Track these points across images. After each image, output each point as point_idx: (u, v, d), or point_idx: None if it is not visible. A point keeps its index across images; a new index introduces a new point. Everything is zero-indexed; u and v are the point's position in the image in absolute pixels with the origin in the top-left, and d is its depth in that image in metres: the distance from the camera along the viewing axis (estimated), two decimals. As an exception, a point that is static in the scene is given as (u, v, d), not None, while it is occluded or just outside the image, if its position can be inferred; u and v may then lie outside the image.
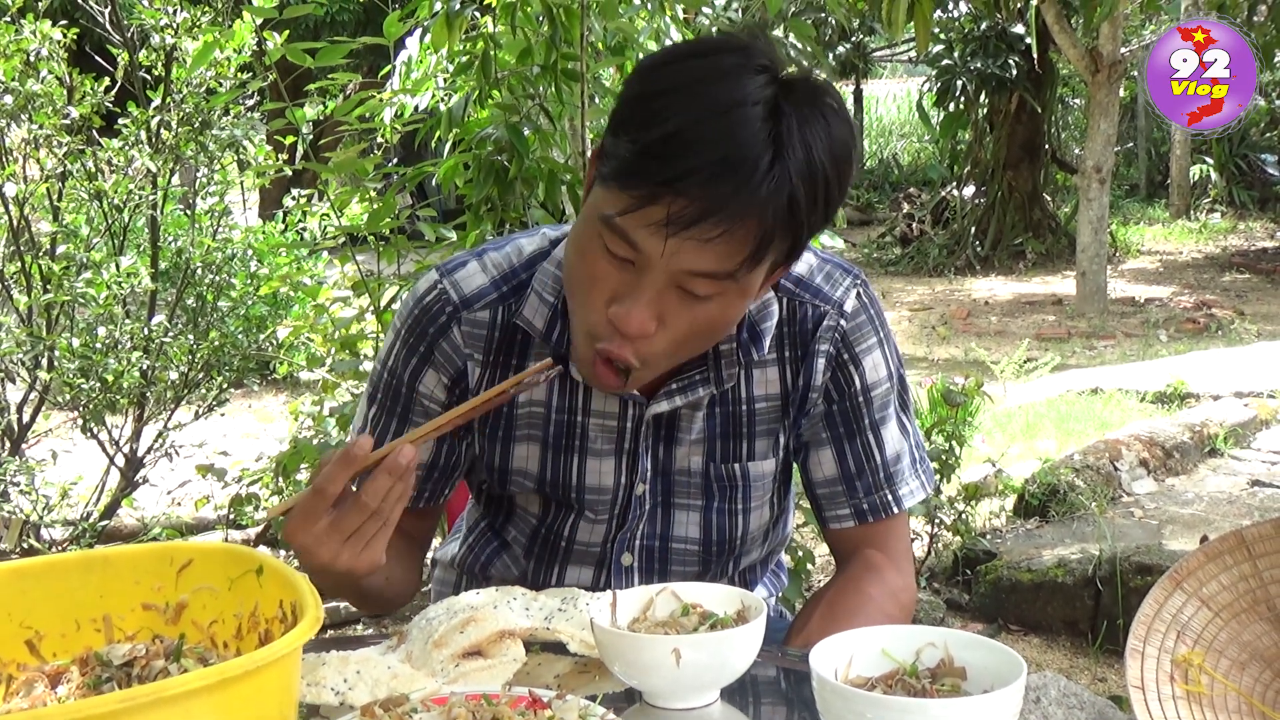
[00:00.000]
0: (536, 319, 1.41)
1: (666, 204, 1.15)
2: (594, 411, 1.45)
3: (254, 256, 4.58)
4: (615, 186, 1.19)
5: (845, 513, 1.50)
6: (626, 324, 1.22)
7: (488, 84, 3.44)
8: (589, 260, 1.24)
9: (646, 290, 1.21)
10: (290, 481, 4.10)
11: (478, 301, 1.43)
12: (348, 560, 1.20)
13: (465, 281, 1.44)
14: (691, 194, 1.14)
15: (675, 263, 1.19)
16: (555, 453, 1.47)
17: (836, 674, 1.06)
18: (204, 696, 0.82)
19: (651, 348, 1.26)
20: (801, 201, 1.18)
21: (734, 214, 1.15)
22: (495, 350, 1.44)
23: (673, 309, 1.23)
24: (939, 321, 9.69)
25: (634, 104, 1.22)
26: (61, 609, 1.07)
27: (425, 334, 1.44)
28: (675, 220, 1.15)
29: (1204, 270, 11.79)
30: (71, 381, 3.92)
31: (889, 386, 1.50)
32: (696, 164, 1.14)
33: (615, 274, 1.23)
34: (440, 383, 1.45)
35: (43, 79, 3.86)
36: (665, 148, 1.15)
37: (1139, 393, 6.48)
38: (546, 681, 1.21)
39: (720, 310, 1.25)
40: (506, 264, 1.45)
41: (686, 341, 1.28)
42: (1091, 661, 3.50)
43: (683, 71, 1.20)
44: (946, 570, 4.07)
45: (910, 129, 20.10)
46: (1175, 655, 2.10)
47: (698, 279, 1.20)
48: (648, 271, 1.20)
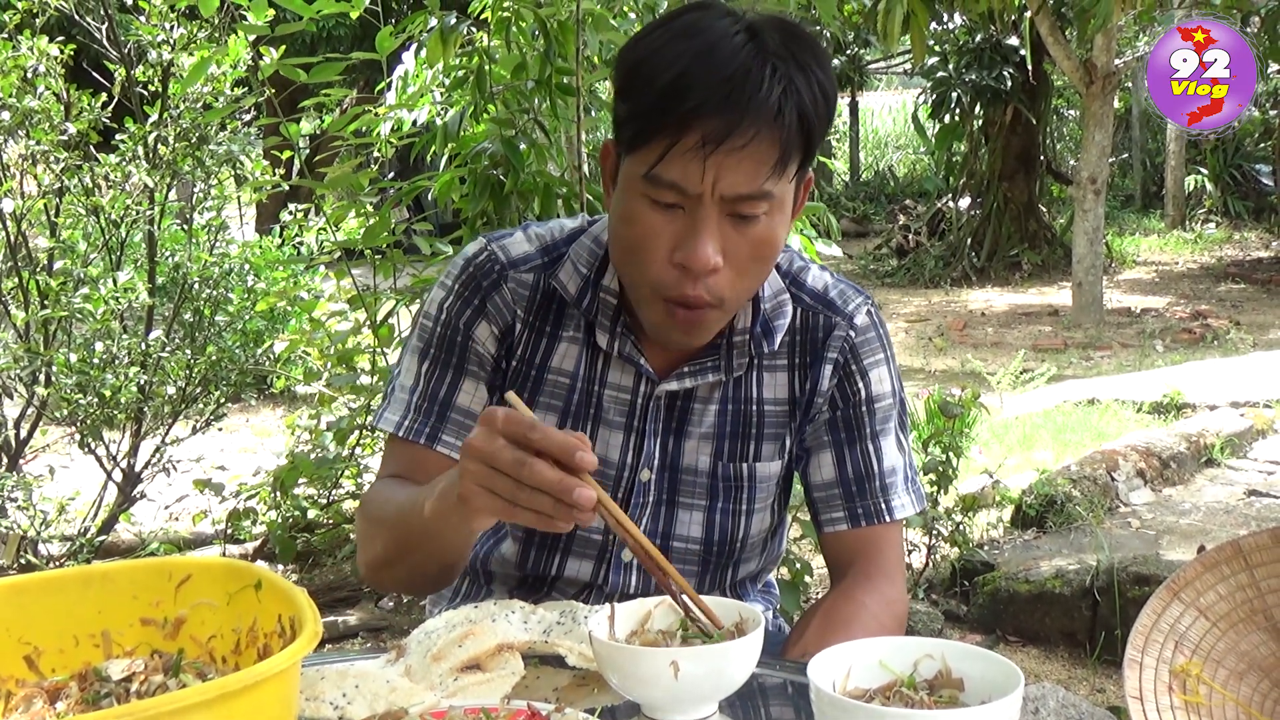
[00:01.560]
0: (570, 285, 1.49)
1: (697, 129, 1.26)
2: (610, 383, 1.51)
3: (251, 271, 4.58)
4: (642, 145, 1.31)
5: (839, 515, 1.53)
6: (695, 260, 1.31)
7: (483, 99, 3.45)
8: (640, 223, 1.34)
9: (703, 225, 1.31)
10: (288, 496, 4.11)
11: (523, 264, 1.52)
12: (469, 489, 1.15)
13: (512, 246, 1.53)
14: (713, 112, 1.26)
15: (719, 188, 1.29)
16: (572, 421, 1.51)
17: (835, 686, 1.06)
18: (202, 711, 0.82)
19: (720, 283, 1.34)
20: (806, 99, 1.29)
21: (754, 119, 1.26)
22: (535, 312, 1.51)
23: (730, 239, 1.32)
24: (935, 333, 9.70)
25: (632, 72, 1.33)
26: (60, 624, 1.07)
27: (480, 287, 1.51)
28: (709, 139, 1.26)
29: (1200, 280, 11.82)
30: (69, 397, 3.91)
31: (891, 402, 1.55)
32: (709, 89, 1.26)
33: (669, 225, 1.32)
34: (492, 334, 1.51)
35: (40, 95, 3.87)
36: (677, 87, 1.27)
37: (1135, 403, 6.48)
38: (545, 695, 1.20)
39: (769, 228, 1.34)
40: (549, 236, 1.55)
41: (748, 270, 1.36)
42: (1089, 672, 3.49)
43: (664, 33, 1.32)
44: (944, 581, 4.05)
45: (906, 141, 20.17)
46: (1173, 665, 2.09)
47: (741, 201, 1.30)
48: (699, 207, 1.30)
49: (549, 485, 1.11)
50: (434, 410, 1.51)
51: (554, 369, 1.52)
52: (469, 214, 3.46)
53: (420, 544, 1.37)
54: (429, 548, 1.36)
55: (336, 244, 3.82)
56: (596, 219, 1.56)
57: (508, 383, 1.52)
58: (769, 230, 1.34)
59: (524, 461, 1.11)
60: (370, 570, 1.50)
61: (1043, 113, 12.48)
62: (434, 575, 1.47)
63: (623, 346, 1.48)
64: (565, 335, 1.51)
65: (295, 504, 4.11)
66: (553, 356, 1.51)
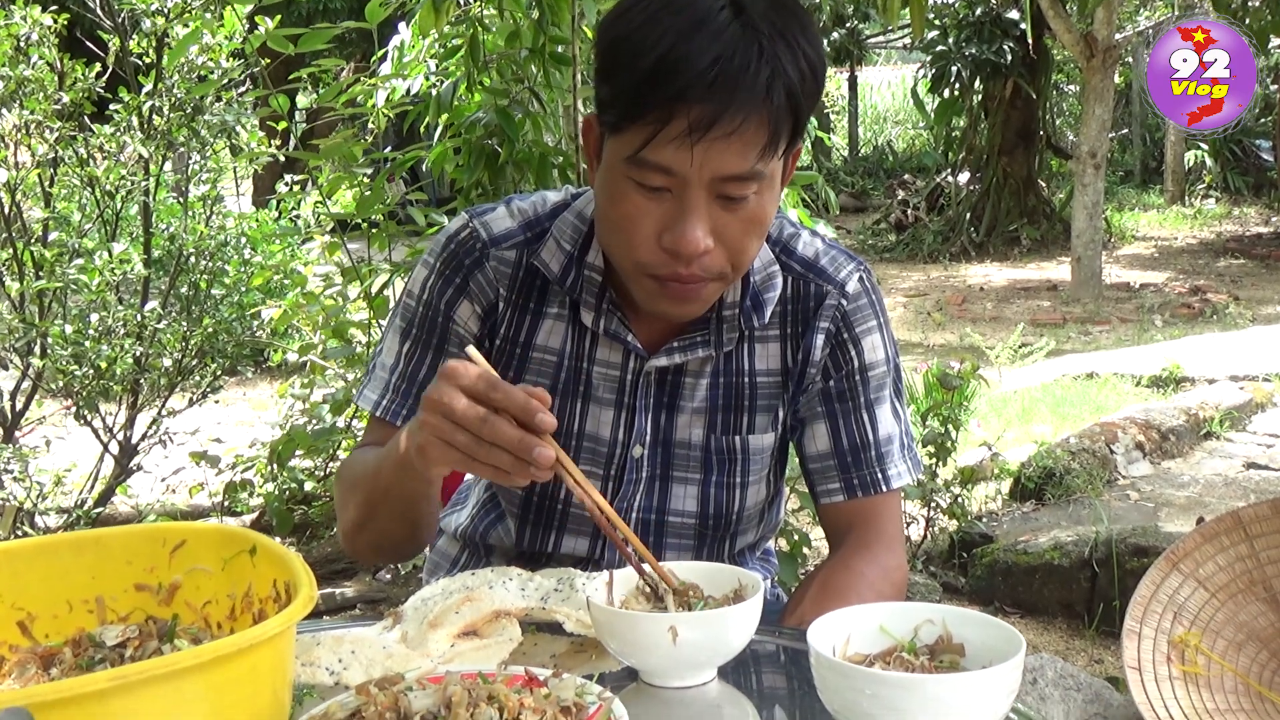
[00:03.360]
0: (553, 263, 1.47)
1: (684, 115, 1.22)
2: (599, 360, 1.49)
3: (247, 244, 4.56)
4: (627, 127, 1.26)
5: (835, 486, 1.52)
6: (684, 244, 1.28)
7: (476, 68, 3.43)
8: (626, 204, 1.30)
9: (691, 208, 1.27)
10: (284, 468, 4.10)
11: (505, 241, 1.49)
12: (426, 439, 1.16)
13: (494, 223, 1.50)
14: (701, 98, 1.21)
15: (707, 171, 1.25)
16: (561, 399, 1.50)
17: (834, 651, 1.05)
18: (196, 675, 0.82)
19: (714, 260, 1.31)
20: (794, 78, 1.24)
21: (743, 103, 1.22)
22: (518, 290, 1.49)
23: (720, 220, 1.29)
24: (934, 308, 9.69)
25: (613, 50, 1.28)
26: (53, 590, 1.06)
27: (461, 265, 1.49)
28: (696, 126, 1.22)
29: (1199, 256, 11.82)
30: (64, 369, 3.90)
31: (885, 370, 1.53)
32: (696, 72, 1.21)
33: (656, 207, 1.29)
34: (474, 313, 1.50)
35: (33, 64, 3.84)
36: (662, 68, 1.21)
37: (1134, 377, 6.48)
38: (543, 661, 1.20)
39: (759, 206, 1.31)
40: (532, 211, 1.51)
41: (741, 246, 1.33)
42: (1088, 643, 3.49)
43: (644, 9, 1.26)
44: (943, 553, 4.06)
45: (905, 116, 20.13)
46: (1172, 636, 2.08)
47: (730, 183, 1.26)
48: (687, 189, 1.26)
49: (509, 443, 1.11)
50: (412, 391, 1.50)
51: (539, 347, 1.50)
52: (464, 185, 3.45)
53: (385, 502, 1.37)
54: (394, 505, 1.37)
55: (331, 216, 3.79)
56: (581, 191, 1.53)
57: (492, 361, 1.49)
58: (759, 208, 1.31)
59: (485, 418, 1.12)
60: (346, 537, 1.50)
61: (1043, 87, 12.43)
62: (402, 539, 1.46)
63: (609, 324, 1.46)
64: (550, 312, 1.49)
65: (292, 476, 4.10)
66: (537, 334, 1.49)
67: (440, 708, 0.92)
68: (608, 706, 0.98)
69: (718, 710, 1.13)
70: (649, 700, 1.13)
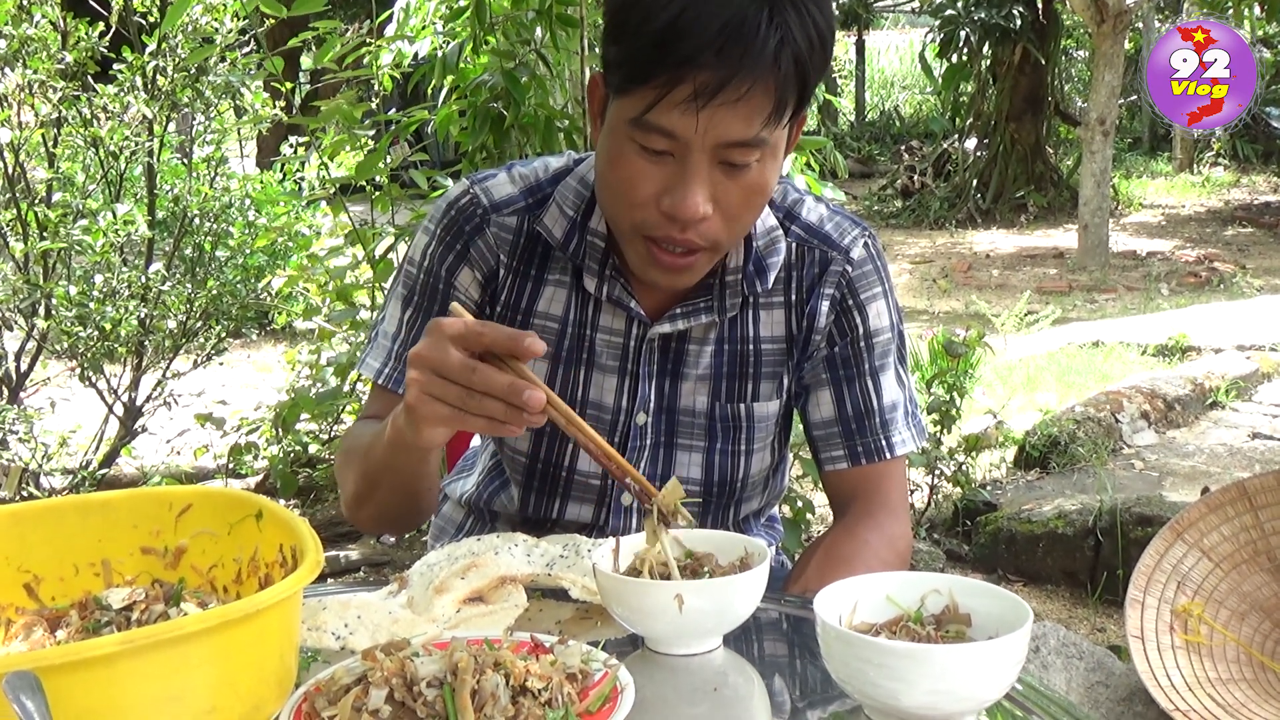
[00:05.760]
0: (555, 229, 1.46)
1: (691, 80, 1.21)
2: (601, 327, 1.49)
3: (252, 206, 4.54)
4: (633, 90, 1.25)
5: (839, 454, 1.52)
6: (683, 209, 1.27)
7: (482, 30, 3.40)
8: (626, 166, 1.29)
9: (693, 173, 1.27)
10: (289, 431, 4.10)
11: (506, 207, 1.49)
12: (415, 398, 1.14)
13: (495, 189, 1.50)
14: (709, 64, 1.20)
15: (711, 136, 1.24)
16: (564, 367, 1.50)
17: (841, 620, 1.05)
18: (203, 639, 0.82)
19: (711, 228, 1.31)
20: (803, 46, 1.24)
21: (750, 70, 1.21)
22: (519, 257, 1.49)
23: (720, 186, 1.29)
24: (940, 274, 9.66)
25: (623, 11, 1.27)
26: (59, 553, 1.06)
27: (462, 232, 1.49)
28: (702, 92, 1.21)
29: (1207, 224, 11.76)
30: (69, 330, 3.90)
31: (890, 336, 1.53)
32: (705, 37, 1.20)
33: (656, 171, 1.28)
34: (475, 280, 1.49)
35: (36, 23, 3.81)
36: (671, 33, 1.21)
37: (1140, 346, 6.48)
38: (548, 627, 1.19)
39: (760, 174, 1.30)
40: (533, 177, 1.51)
41: (740, 215, 1.33)
42: (1090, 612, 3.50)
43: None
44: (946, 521, 4.07)
45: (912, 81, 19.98)
46: (1175, 605, 2.08)
47: (733, 149, 1.26)
48: (689, 155, 1.26)
49: (499, 389, 1.10)
50: None
51: (541, 314, 1.49)
52: (469, 148, 3.43)
53: (384, 477, 1.36)
54: (392, 477, 1.36)
55: (333, 180, 3.77)
56: (583, 156, 1.52)
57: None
58: (761, 176, 1.30)
59: (473, 367, 1.10)
60: (349, 508, 1.50)
61: (1052, 52, 12.34)
62: (403, 512, 1.45)
63: (612, 290, 1.45)
64: (551, 279, 1.49)
65: (297, 439, 4.11)
66: (539, 301, 1.49)
67: (446, 674, 0.92)
68: (613, 673, 0.99)
69: (723, 677, 1.13)
70: (654, 667, 1.13)
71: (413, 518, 1.49)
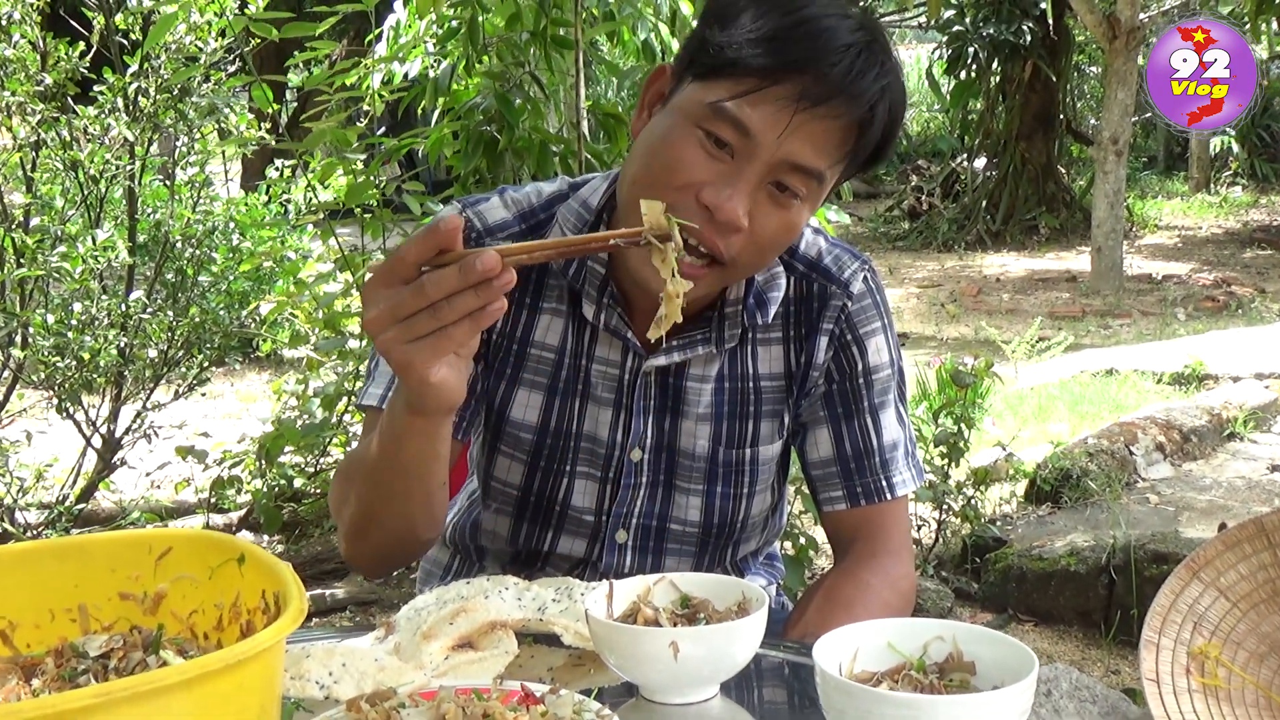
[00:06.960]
0: None
1: (801, 81, 1.23)
2: (598, 358, 1.48)
3: (236, 230, 4.49)
4: (729, 74, 1.25)
5: (839, 494, 1.51)
6: (725, 208, 1.26)
7: (475, 51, 3.37)
8: (681, 148, 1.28)
9: (745, 181, 1.26)
10: (273, 464, 4.03)
11: (500, 231, 1.47)
12: (402, 354, 1.10)
13: (489, 213, 1.48)
14: (820, 76, 1.24)
15: (783, 150, 1.25)
16: (560, 398, 1.49)
17: (841, 669, 1.04)
18: (183, 691, 0.80)
19: (735, 246, 1.29)
20: (897, 104, 1.30)
21: (851, 100, 1.25)
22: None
23: (761, 208, 1.29)
24: (948, 299, 9.62)
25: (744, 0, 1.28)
26: (36, 598, 1.06)
27: None
28: (808, 95, 1.23)
29: (1224, 246, 11.73)
30: (46, 360, 3.88)
31: (890, 373, 1.52)
32: (823, 52, 1.24)
33: (709, 163, 1.27)
34: None
35: (15, 43, 3.80)
36: (800, 31, 1.24)
37: (1155, 374, 6.42)
38: (540, 675, 1.20)
39: (797, 215, 1.31)
40: (526, 203, 1.50)
41: (764, 248, 1.32)
42: (1104, 653, 3.44)
43: None
44: (955, 558, 4.01)
45: (920, 98, 19.89)
46: (1191, 647, 1.98)
47: (794, 173, 1.27)
48: (752, 159, 1.26)
49: (452, 282, 1.06)
50: None
51: (537, 343, 1.48)
52: (461, 171, 3.39)
53: (394, 480, 1.31)
54: (403, 482, 1.31)
55: (322, 204, 3.71)
56: (580, 181, 1.51)
57: (489, 358, 1.49)
58: (797, 217, 1.31)
59: (419, 284, 1.07)
60: (349, 543, 1.44)
61: (1063, 69, 12.32)
62: (410, 526, 1.38)
63: (609, 319, 1.44)
64: (547, 307, 1.47)
65: (281, 472, 4.06)
66: (535, 330, 1.48)
67: (433, 726, 0.91)
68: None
69: (720, 727, 1.12)
70: (649, 717, 1.13)
71: (421, 533, 1.41)
